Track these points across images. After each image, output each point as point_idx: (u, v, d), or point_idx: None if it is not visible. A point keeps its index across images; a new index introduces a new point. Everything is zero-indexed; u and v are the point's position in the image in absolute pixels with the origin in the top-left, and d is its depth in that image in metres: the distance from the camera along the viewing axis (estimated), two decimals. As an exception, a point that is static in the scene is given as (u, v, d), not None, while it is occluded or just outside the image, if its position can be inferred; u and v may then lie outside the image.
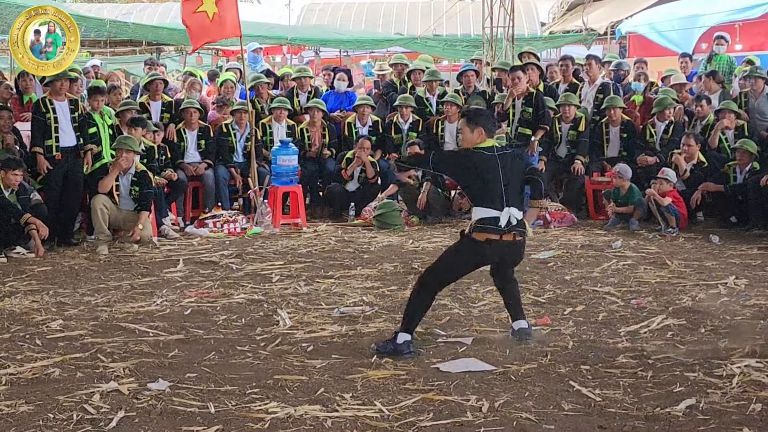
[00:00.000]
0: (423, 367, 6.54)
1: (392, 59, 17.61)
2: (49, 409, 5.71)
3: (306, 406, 5.73)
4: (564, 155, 14.28)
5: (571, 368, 6.48)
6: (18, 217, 11.43)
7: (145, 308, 8.50)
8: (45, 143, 12.05)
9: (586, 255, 10.96)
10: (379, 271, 10.17)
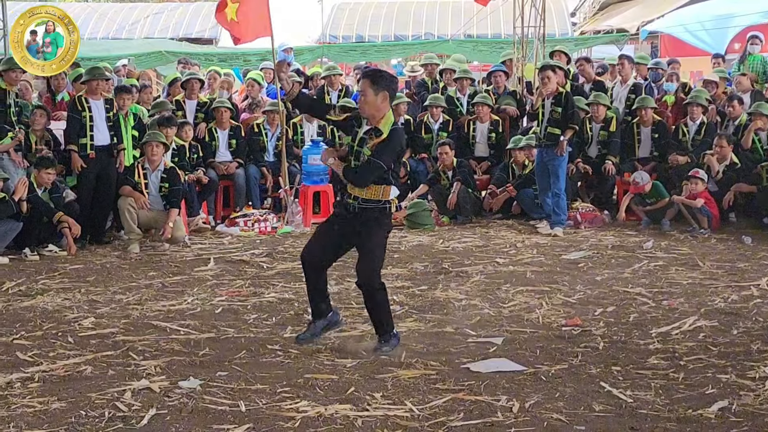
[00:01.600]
0: (453, 367, 6.53)
1: (423, 59, 17.59)
2: (81, 406, 5.74)
3: (336, 405, 5.73)
4: (595, 155, 14.22)
5: (602, 369, 6.46)
6: (51, 216, 11.51)
7: (176, 307, 8.53)
8: (80, 141, 12.12)
9: (617, 256, 10.92)
10: (409, 270, 10.16)
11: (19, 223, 11.27)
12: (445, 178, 13.87)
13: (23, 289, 9.43)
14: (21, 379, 6.33)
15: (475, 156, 14.84)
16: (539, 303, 8.49)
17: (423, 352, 6.94)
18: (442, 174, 13.90)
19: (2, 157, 12.06)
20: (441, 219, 13.63)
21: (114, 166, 12.34)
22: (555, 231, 12.41)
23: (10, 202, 11.10)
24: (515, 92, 15.83)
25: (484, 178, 14.49)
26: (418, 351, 6.96)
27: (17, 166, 12.07)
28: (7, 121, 12.17)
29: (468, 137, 14.91)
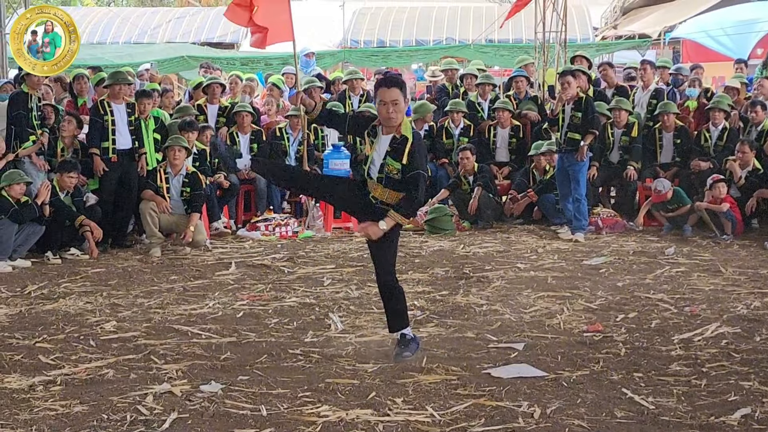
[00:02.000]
0: (474, 373, 6.52)
1: (443, 64, 17.58)
2: (103, 409, 5.76)
3: (357, 410, 5.73)
4: (616, 161, 14.19)
5: (623, 375, 6.43)
6: (73, 219, 11.57)
7: (198, 311, 8.55)
8: (102, 145, 12.17)
9: (639, 261, 10.89)
10: (430, 275, 10.16)
11: (42, 227, 11.33)
12: (466, 183, 13.86)
13: (45, 293, 9.48)
14: (43, 382, 6.35)
15: (496, 161, 14.84)
16: (560, 308, 8.46)
17: (444, 357, 6.93)
18: (463, 179, 13.90)
19: (24, 161, 12.14)
20: (462, 224, 13.62)
21: (136, 170, 12.40)
22: (576, 236, 12.39)
23: (33, 206, 11.16)
24: (536, 97, 15.82)
25: (505, 183, 14.48)
26: (439, 356, 6.94)
27: (39, 169, 12.14)
28: (29, 125, 12.22)
29: (489, 142, 14.91)
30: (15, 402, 5.93)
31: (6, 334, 7.74)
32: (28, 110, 12.22)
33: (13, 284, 9.95)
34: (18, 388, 6.22)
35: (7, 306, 8.85)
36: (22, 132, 12.14)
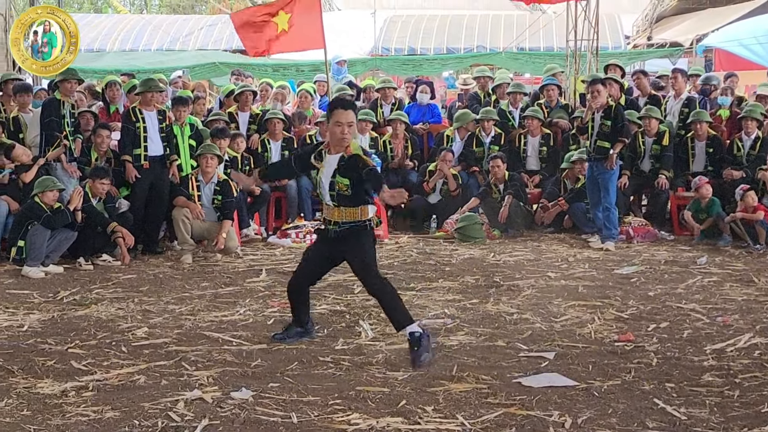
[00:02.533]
0: (505, 381, 6.50)
1: (476, 72, 17.58)
2: (134, 415, 5.78)
3: (388, 418, 5.73)
4: (647, 169, 14.13)
5: (655, 385, 6.40)
6: (105, 225, 11.63)
7: (229, 317, 8.57)
8: (134, 152, 12.24)
9: (670, 271, 10.84)
10: (460, 283, 10.15)
11: (74, 233, 11.40)
12: (496, 192, 13.85)
13: (77, 299, 9.54)
14: (75, 387, 6.39)
15: (527, 169, 14.82)
16: (591, 318, 8.44)
17: (474, 365, 6.92)
18: (494, 187, 13.88)
19: (56, 167, 12.21)
20: (492, 232, 13.59)
21: (167, 177, 12.46)
22: (606, 245, 12.34)
23: (66, 212, 11.23)
24: (567, 105, 15.79)
25: (536, 192, 14.45)
26: (469, 365, 6.93)
27: (70, 176, 12.21)
28: (61, 131, 12.29)
29: (519, 151, 14.89)
30: (47, 407, 5.97)
31: (39, 339, 7.79)
32: (60, 117, 12.29)
33: (45, 290, 10.02)
34: (51, 393, 6.26)
35: (40, 312, 8.91)
36: (53, 138, 12.21)
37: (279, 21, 13.60)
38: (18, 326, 8.29)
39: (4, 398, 6.14)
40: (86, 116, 13.08)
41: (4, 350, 7.45)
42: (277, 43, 14.03)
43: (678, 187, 13.85)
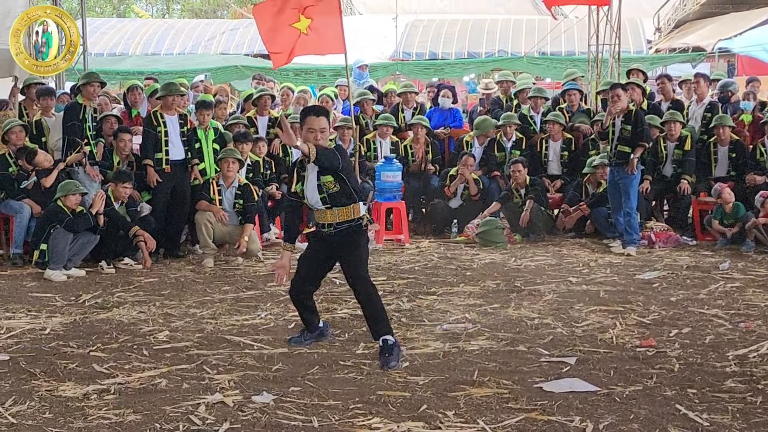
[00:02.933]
0: (526, 386, 6.49)
1: (499, 76, 17.55)
2: (156, 419, 5.80)
3: (409, 422, 5.73)
4: (669, 174, 14.08)
5: (677, 391, 6.37)
6: (127, 229, 11.67)
7: (250, 321, 8.59)
8: (155, 156, 12.27)
9: (692, 276, 10.80)
10: (481, 288, 10.14)
11: (96, 236, 11.45)
12: (517, 196, 13.83)
13: (99, 302, 9.57)
14: (97, 390, 6.41)
15: (548, 174, 14.80)
16: (613, 323, 8.41)
17: (495, 370, 6.91)
18: (515, 192, 13.86)
19: (78, 171, 12.26)
20: (513, 237, 13.58)
21: (188, 181, 12.49)
22: (628, 250, 12.31)
23: (88, 215, 11.28)
24: (589, 110, 15.76)
25: (557, 197, 14.43)
26: (490, 369, 6.93)
27: (92, 179, 12.26)
28: (83, 135, 12.34)
29: (541, 155, 14.87)
30: (69, 410, 5.99)
31: (61, 342, 7.83)
32: (82, 121, 12.34)
33: (67, 293, 10.06)
34: (72, 396, 6.29)
35: (62, 315, 8.95)
36: (75, 142, 12.27)
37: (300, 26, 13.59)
38: (40, 329, 8.33)
39: (26, 401, 6.18)
40: (109, 120, 13.12)
41: (27, 353, 7.49)
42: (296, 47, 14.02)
43: (700, 192, 13.78)
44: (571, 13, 30.23)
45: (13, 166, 12.24)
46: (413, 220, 14.89)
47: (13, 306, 9.37)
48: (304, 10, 13.26)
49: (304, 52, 14.60)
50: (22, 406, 6.08)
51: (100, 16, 46.35)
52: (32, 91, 13.55)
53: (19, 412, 5.95)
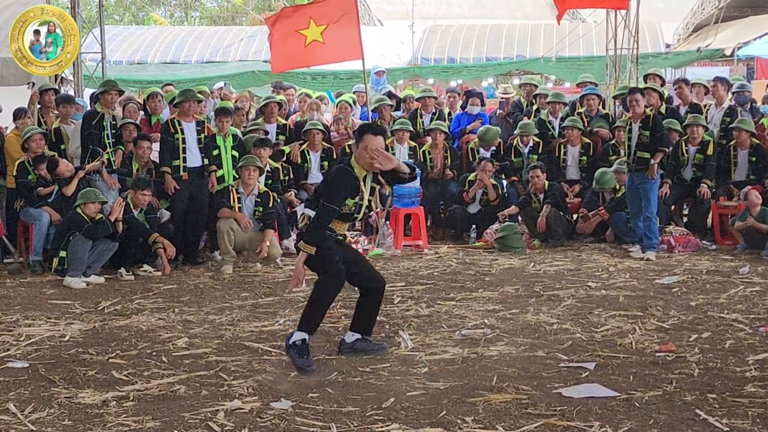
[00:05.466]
0: (545, 392, 6.47)
1: (523, 79, 17.50)
2: (175, 425, 5.81)
3: (427, 428, 5.71)
4: (689, 178, 14.04)
5: (697, 396, 6.34)
6: (146, 236, 11.70)
7: (269, 327, 8.59)
8: (173, 163, 12.30)
9: (712, 280, 10.76)
10: (500, 293, 10.12)
11: (115, 243, 11.49)
12: (536, 201, 13.81)
13: (118, 309, 9.60)
14: (116, 397, 6.42)
15: (567, 179, 14.78)
16: (632, 328, 8.38)
17: (514, 376, 6.89)
18: (534, 197, 13.85)
19: (96, 179, 12.30)
20: (532, 242, 13.56)
21: (206, 188, 12.51)
22: (647, 255, 12.27)
23: (107, 223, 11.32)
24: (608, 115, 15.72)
25: (576, 201, 14.40)
26: (509, 375, 6.91)
27: (110, 187, 12.30)
28: (101, 144, 12.39)
29: (559, 160, 14.85)
30: (89, 417, 6.00)
31: (80, 349, 7.85)
32: (100, 129, 12.39)
33: (87, 300, 10.10)
34: (92, 403, 6.30)
35: (81, 322, 8.97)
36: (96, 151, 12.32)
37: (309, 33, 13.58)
38: (60, 336, 8.36)
39: (45, 408, 6.19)
40: (129, 128, 13.16)
41: (46, 360, 7.52)
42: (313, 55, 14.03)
43: (719, 196, 13.73)
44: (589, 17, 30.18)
45: (32, 174, 12.28)
46: (432, 226, 14.89)
47: (33, 313, 9.41)
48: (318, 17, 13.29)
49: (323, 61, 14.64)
50: (41, 413, 6.09)
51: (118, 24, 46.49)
52: (46, 98, 13.61)
53: (38, 419, 5.97)
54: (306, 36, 13.53)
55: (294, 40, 13.54)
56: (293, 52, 13.77)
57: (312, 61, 14.84)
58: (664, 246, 12.85)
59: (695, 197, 13.95)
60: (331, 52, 13.86)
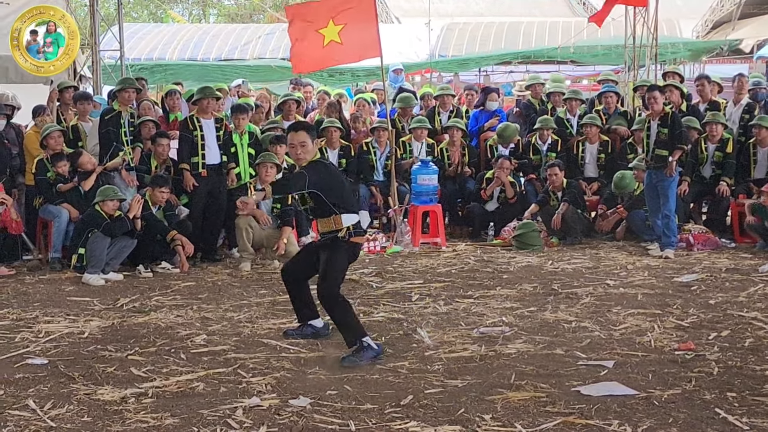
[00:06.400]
0: (564, 390, 6.45)
1: (528, 80, 17.44)
2: (193, 422, 5.81)
3: (446, 426, 5.71)
4: (708, 176, 13.98)
5: (716, 395, 6.31)
6: (164, 233, 11.72)
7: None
8: (191, 160, 12.32)
9: (731, 279, 10.71)
10: (518, 291, 10.11)
11: (134, 241, 11.51)
12: (554, 199, 13.78)
13: (137, 306, 9.63)
14: (135, 394, 6.43)
15: (585, 177, 14.74)
16: (651, 326, 8.35)
17: (533, 374, 6.88)
18: (552, 195, 13.82)
19: (114, 176, 12.34)
20: (550, 240, 13.53)
21: (225, 185, 12.52)
22: (666, 253, 12.23)
23: (125, 220, 11.34)
24: (626, 113, 15.67)
25: (594, 199, 14.36)
26: (527, 373, 6.90)
27: (128, 185, 12.33)
28: (119, 141, 12.42)
29: (577, 158, 14.82)
30: (108, 414, 6.02)
31: (99, 346, 7.87)
32: (118, 126, 12.41)
33: (105, 297, 10.12)
34: (111, 399, 6.31)
35: (100, 319, 8.99)
36: (110, 148, 12.35)
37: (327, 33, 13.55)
38: (78, 333, 8.38)
39: (65, 404, 6.21)
40: (148, 125, 13.18)
41: (66, 357, 7.54)
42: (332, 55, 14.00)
43: (739, 194, 13.67)
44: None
45: (51, 171, 12.32)
46: (450, 224, 14.88)
47: (52, 310, 9.44)
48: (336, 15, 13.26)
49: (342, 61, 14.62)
50: (60, 409, 6.11)
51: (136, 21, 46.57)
52: (66, 96, 13.65)
53: (57, 416, 5.98)
54: (324, 36, 13.50)
55: (313, 40, 13.51)
56: (313, 54, 13.74)
57: (331, 62, 14.83)
58: (683, 244, 12.80)
59: (714, 195, 13.89)
60: (349, 52, 13.82)
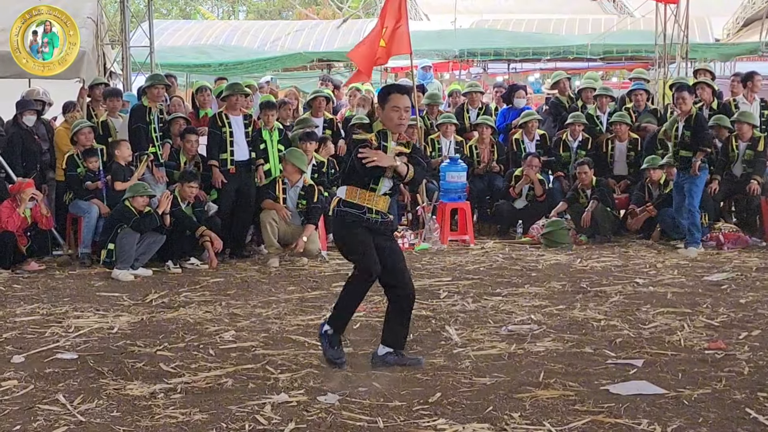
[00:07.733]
0: (593, 389, 6.43)
1: (553, 76, 17.39)
2: (222, 418, 5.82)
3: (474, 423, 5.69)
4: (739, 174, 13.89)
5: (747, 395, 6.27)
6: (193, 229, 11.76)
7: (315, 321, 8.58)
8: (220, 157, 12.35)
9: (762, 278, 10.65)
10: (546, 289, 10.08)
11: (163, 236, 11.55)
12: (583, 197, 13.74)
13: (166, 301, 9.66)
14: (164, 389, 6.45)
15: (614, 174, 14.68)
16: (680, 325, 8.31)
17: (561, 372, 6.85)
18: (581, 193, 13.78)
19: (144, 172, 12.37)
20: (579, 238, 13.49)
21: (253, 181, 12.54)
22: (689, 250, 12.18)
23: (154, 216, 11.39)
24: (656, 110, 15.60)
25: (623, 197, 14.30)
26: (556, 371, 6.87)
27: (157, 181, 12.37)
28: (148, 138, 12.46)
29: (606, 156, 14.76)
30: (137, 409, 6.04)
31: (128, 341, 7.90)
32: (147, 123, 12.46)
33: (134, 293, 10.16)
34: (140, 395, 6.33)
35: (130, 314, 9.03)
36: (140, 145, 12.40)
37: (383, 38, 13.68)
38: (108, 328, 8.42)
39: (94, 399, 6.23)
40: (179, 121, 13.22)
41: (95, 352, 7.57)
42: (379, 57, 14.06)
43: (769, 192, 13.59)
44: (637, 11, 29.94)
45: (81, 167, 12.38)
46: (478, 221, 14.86)
47: (82, 305, 9.50)
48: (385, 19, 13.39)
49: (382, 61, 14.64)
50: (90, 404, 6.14)
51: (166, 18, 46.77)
52: (96, 92, 13.72)
53: (87, 410, 6.01)
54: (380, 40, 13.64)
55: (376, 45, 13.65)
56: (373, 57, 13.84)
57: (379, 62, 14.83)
58: (712, 243, 12.74)
59: (745, 194, 13.79)
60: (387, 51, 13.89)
